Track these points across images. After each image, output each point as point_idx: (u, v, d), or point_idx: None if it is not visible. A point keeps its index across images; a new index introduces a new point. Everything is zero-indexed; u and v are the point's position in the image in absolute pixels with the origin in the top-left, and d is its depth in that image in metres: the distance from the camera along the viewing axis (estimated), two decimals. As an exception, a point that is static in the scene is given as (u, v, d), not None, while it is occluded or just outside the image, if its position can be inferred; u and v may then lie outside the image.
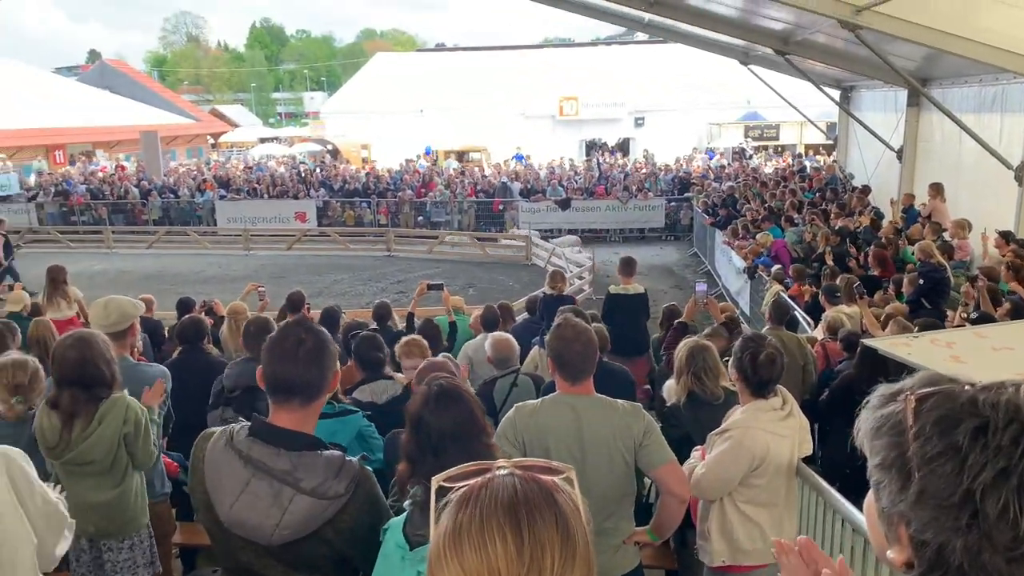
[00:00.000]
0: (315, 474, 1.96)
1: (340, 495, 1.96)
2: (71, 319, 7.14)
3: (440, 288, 8.18)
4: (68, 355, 3.09)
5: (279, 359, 2.01)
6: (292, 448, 1.98)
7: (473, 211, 21.86)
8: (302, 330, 2.06)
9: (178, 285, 15.35)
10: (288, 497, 1.93)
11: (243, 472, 1.97)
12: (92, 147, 35.80)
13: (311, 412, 2.07)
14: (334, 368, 2.10)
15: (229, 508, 1.96)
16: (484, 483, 0.94)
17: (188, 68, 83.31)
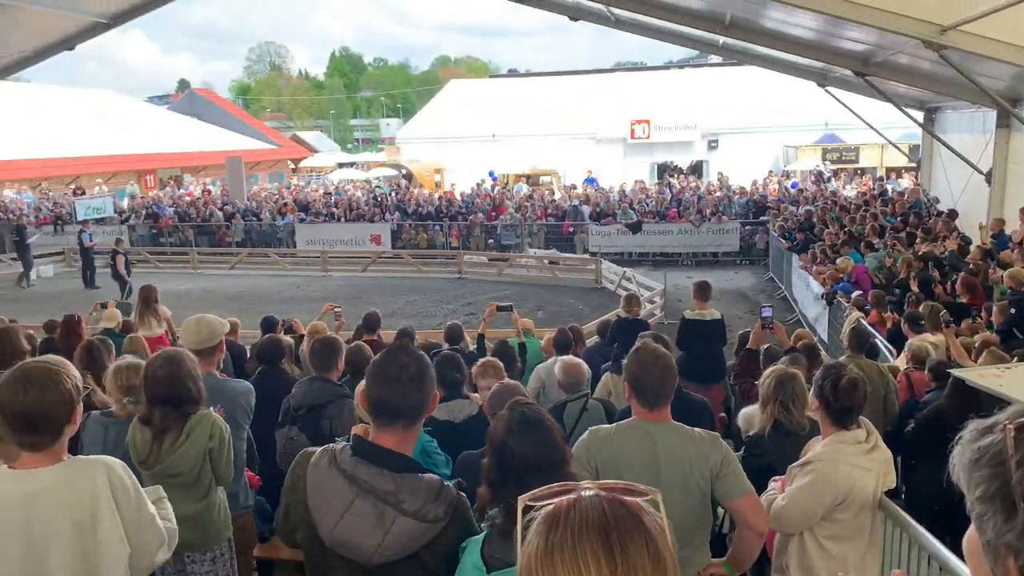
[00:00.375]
0: (417, 496, 1.99)
1: (439, 519, 2.00)
2: (160, 337, 7.46)
3: (509, 309, 8.22)
4: (158, 374, 3.23)
5: (384, 383, 2.07)
6: (395, 469, 2.02)
7: (543, 234, 21.95)
8: (406, 355, 2.11)
9: (259, 304, 15.87)
10: (391, 518, 1.97)
11: (348, 491, 2.01)
12: (181, 172, 37.52)
13: (412, 435, 2.13)
14: (434, 392, 2.15)
15: (333, 527, 2.00)
16: (571, 504, 0.95)
17: (271, 96, 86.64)
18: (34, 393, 2.15)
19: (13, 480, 2.19)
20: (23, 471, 2.21)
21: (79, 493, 2.20)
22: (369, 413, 2.12)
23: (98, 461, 2.29)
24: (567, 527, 0.93)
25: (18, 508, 2.16)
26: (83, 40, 20.54)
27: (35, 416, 2.16)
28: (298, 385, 4.50)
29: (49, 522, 2.17)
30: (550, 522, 0.94)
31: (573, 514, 0.94)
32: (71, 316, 6.38)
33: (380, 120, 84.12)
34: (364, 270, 21.12)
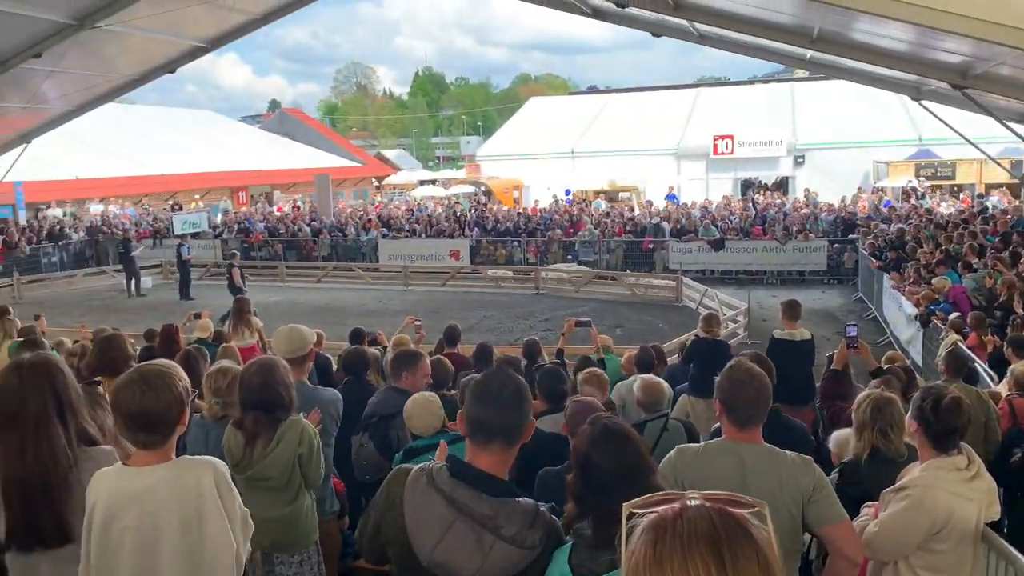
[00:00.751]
0: (514, 522, 2.00)
1: (535, 546, 2.00)
2: (252, 346, 7.76)
3: (588, 325, 8.18)
4: (253, 380, 3.36)
5: (482, 403, 2.09)
6: (493, 493, 2.04)
7: (621, 251, 21.81)
8: (505, 375, 2.14)
9: (343, 317, 16.29)
10: (489, 543, 1.98)
11: (447, 514, 2.02)
12: (271, 188, 38.96)
13: (509, 457, 2.14)
14: (531, 415, 2.16)
15: (432, 549, 2.02)
16: (677, 513, 0.95)
17: (357, 115, 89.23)
18: (150, 395, 2.27)
19: (128, 476, 2.31)
20: (137, 468, 2.33)
21: (188, 491, 2.31)
22: (466, 433, 2.14)
23: (206, 461, 2.41)
24: (675, 537, 0.92)
25: (133, 503, 2.28)
26: (184, 63, 21.63)
27: (151, 416, 2.28)
28: (376, 394, 4.60)
29: (160, 517, 2.28)
30: (657, 531, 0.94)
31: (681, 524, 0.93)
32: (169, 326, 6.70)
33: (461, 138, 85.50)
34: (443, 285, 21.43)
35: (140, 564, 2.28)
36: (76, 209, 29.23)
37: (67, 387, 2.59)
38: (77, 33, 16.92)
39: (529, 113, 42.64)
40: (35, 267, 23.05)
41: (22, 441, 2.47)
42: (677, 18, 14.40)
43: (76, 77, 20.19)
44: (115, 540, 2.28)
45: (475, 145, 61.87)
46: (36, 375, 2.53)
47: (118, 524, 2.27)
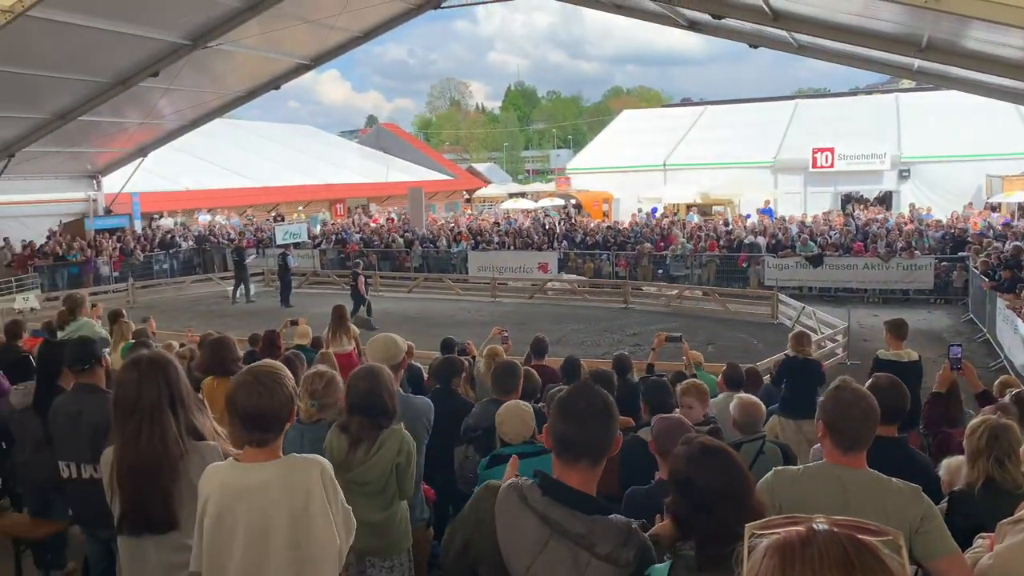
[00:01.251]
0: (609, 540, 1.98)
1: (629, 563, 1.98)
2: (349, 353, 7.97)
3: (678, 340, 8.05)
4: (360, 385, 3.46)
5: (570, 420, 2.08)
6: (586, 511, 2.02)
7: (714, 265, 21.35)
8: (591, 392, 2.12)
9: (433, 327, 16.55)
10: (585, 561, 1.97)
11: (541, 532, 2.02)
12: (367, 201, 40.08)
13: (598, 472, 2.13)
14: (618, 431, 2.15)
15: (527, 568, 2.02)
16: (805, 537, 0.91)
17: (450, 130, 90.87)
18: (265, 394, 2.38)
19: (241, 472, 2.43)
20: (248, 464, 2.44)
21: (296, 487, 2.40)
22: (553, 450, 2.13)
23: (314, 459, 2.50)
24: (805, 563, 0.88)
25: (245, 498, 2.38)
26: (287, 80, 22.64)
27: (265, 415, 2.39)
28: (478, 406, 4.64)
29: (269, 512, 2.38)
30: (784, 555, 0.90)
31: (810, 549, 0.89)
32: (272, 331, 6.98)
33: (551, 151, 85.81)
34: (531, 297, 21.50)
35: (250, 556, 2.38)
36: (186, 219, 30.84)
37: (180, 382, 2.76)
38: (191, 53, 17.95)
39: (621, 126, 42.37)
40: (147, 273, 24.44)
41: (138, 429, 2.64)
42: (775, 28, 14.08)
43: (189, 94, 21.39)
44: (227, 532, 2.38)
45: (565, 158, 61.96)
46: (153, 369, 2.70)
47: (230, 517, 2.38)
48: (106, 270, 23.28)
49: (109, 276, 23.19)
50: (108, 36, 16.04)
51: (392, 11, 19.96)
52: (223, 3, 16.60)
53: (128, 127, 22.23)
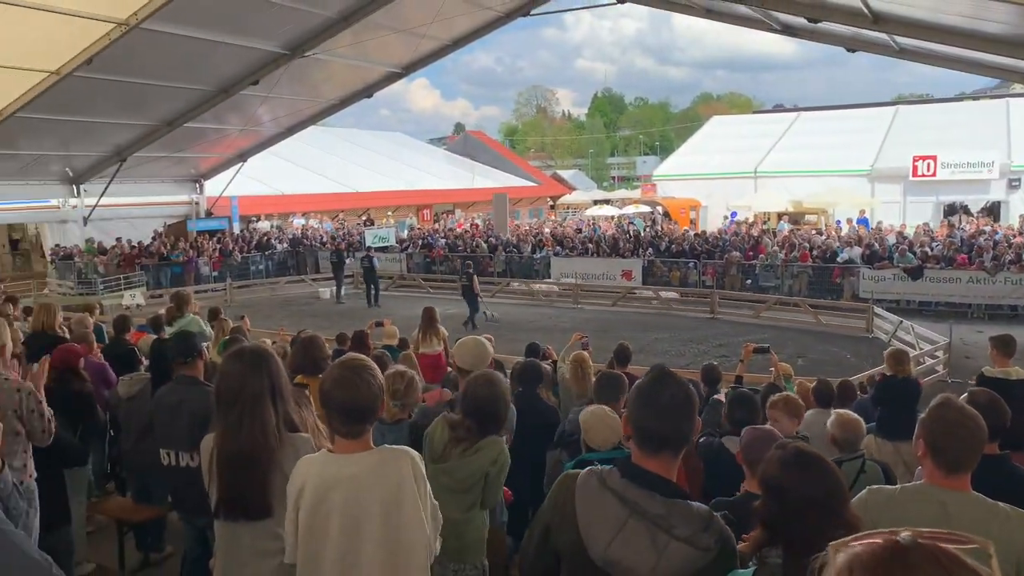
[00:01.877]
0: (688, 523, 1.98)
1: (710, 548, 1.96)
2: (438, 354, 8.10)
3: (766, 352, 7.82)
4: (480, 392, 3.49)
5: (652, 411, 2.07)
6: (664, 494, 2.02)
7: (806, 276, 20.67)
8: (673, 382, 2.11)
9: (515, 332, 16.64)
10: (664, 542, 1.96)
11: (620, 512, 2.02)
12: (453, 207, 40.69)
13: (677, 462, 2.12)
14: (698, 420, 2.14)
15: (606, 547, 2.02)
16: (893, 550, 0.87)
17: (535, 136, 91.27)
18: (362, 387, 2.46)
19: (335, 463, 2.50)
20: (342, 456, 2.51)
21: (388, 478, 2.46)
22: (633, 440, 2.12)
23: (405, 451, 2.55)
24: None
25: (339, 488, 2.46)
26: (379, 88, 23.22)
27: (360, 408, 2.47)
28: (574, 412, 4.63)
29: (363, 503, 2.44)
30: (874, 570, 0.86)
31: (901, 563, 0.85)
32: (361, 331, 7.17)
33: (637, 158, 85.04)
34: (614, 304, 21.33)
35: (345, 545, 2.45)
36: (281, 222, 32.01)
37: (280, 375, 2.88)
38: (289, 62, 18.64)
39: (710, 132, 41.62)
40: (244, 274, 25.48)
41: (239, 419, 2.75)
42: (875, 31, 13.56)
43: (286, 102, 22.21)
44: (322, 522, 2.46)
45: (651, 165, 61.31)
46: (256, 361, 2.82)
47: (325, 507, 2.46)
48: (206, 270, 24.39)
49: (209, 276, 24.28)
50: (213, 46, 16.84)
51: (481, 19, 20.23)
52: (320, 14, 17.18)
53: (229, 133, 23.26)
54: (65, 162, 21.93)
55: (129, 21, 14.37)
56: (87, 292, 21.01)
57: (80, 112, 18.07)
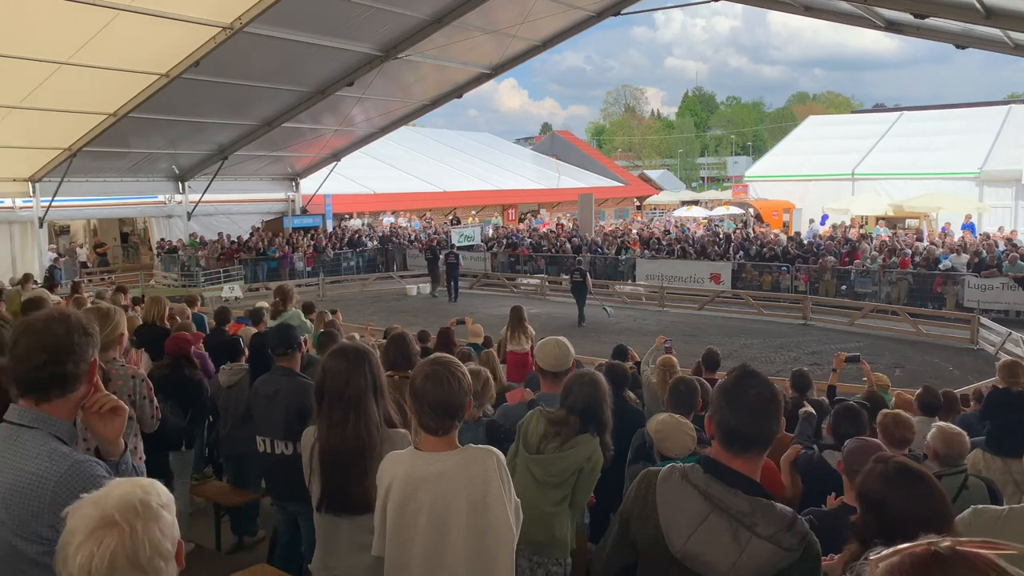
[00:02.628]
0: (771, 522, 1.95)
1: (794, 548, 1.93)
2: (526, 353, 8.15)
3: (856, 360, 7.57)
4: (583, 391, 3.52)
5: (739, 411, 2.05)
6: (748, 492, 2.01)
7: (905, 283, 19.76)
8: (759, 381, 2.07)
9: (597, 333, 16.55)
10: (746, 538, 1.94)
11: (702, 506, 2.02)
12: (538, 207, 40.78)
13: (761, 461, 2.11)
14: (782, 418, 2.12)
15: (685, 540, 2.01)
16: (929, 559, 0.85)
17: (623, 136, 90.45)
18: (454, 384, 2.51)
19: (423, 461, 2.55)
20: (429, 453, 2.56)
21: (474, 476, 2.49)
22: (716, 439, 2.11)
23: (490, 450, 2.58)
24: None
25: (427, 486, 2.51)
26: (469, 89, 23.51)
27: (452, 405, 2.52)
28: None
29: (450, 500, 2.49)
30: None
31: (941, 572, 0.84)
32: (447, 328, 7.28)
33: (728, 158, 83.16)
34: (701, 308, 20.94)
35: (432, 542, 2.50)
36: (371, 220, 32.82)
37: (380, 373, 2.98)
38: (383, 63, 19.10)
39: (805, 132, 40.28)
40: (336, 270, 26.26)
41: (344, 416, 2.85)
42: (988, 27, 12.83)
43: (378, 103, 22.76)
44: (410, 518, 2.52)
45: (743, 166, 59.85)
46: (359, 360, 2.92)
47: (413, 504, 2.51)
48: (300, 265, 25.25)
49: (303, 271, 25.13)
50: (311, 49, 17.42)
51: (571, 19, 20.20)
52: (413, 16, 17.52)
53: (324, 133, 24.01)
54: (172, 160, 23.10)
55: (234, 25, 15.04)
56: (189, 284, 22.08)
57: (186, 112, 19.01)
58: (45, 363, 1.96)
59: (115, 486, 1.46)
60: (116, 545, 1.36)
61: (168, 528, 1.44)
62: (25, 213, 20.73)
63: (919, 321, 17.48)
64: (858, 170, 32.51)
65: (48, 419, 1.97)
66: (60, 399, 1.99)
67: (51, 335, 1.97)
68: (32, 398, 1.98)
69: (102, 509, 1.39)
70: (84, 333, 2.02)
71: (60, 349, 1.97)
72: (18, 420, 1.97)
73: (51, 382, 1.97)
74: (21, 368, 1.97)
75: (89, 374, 2.04)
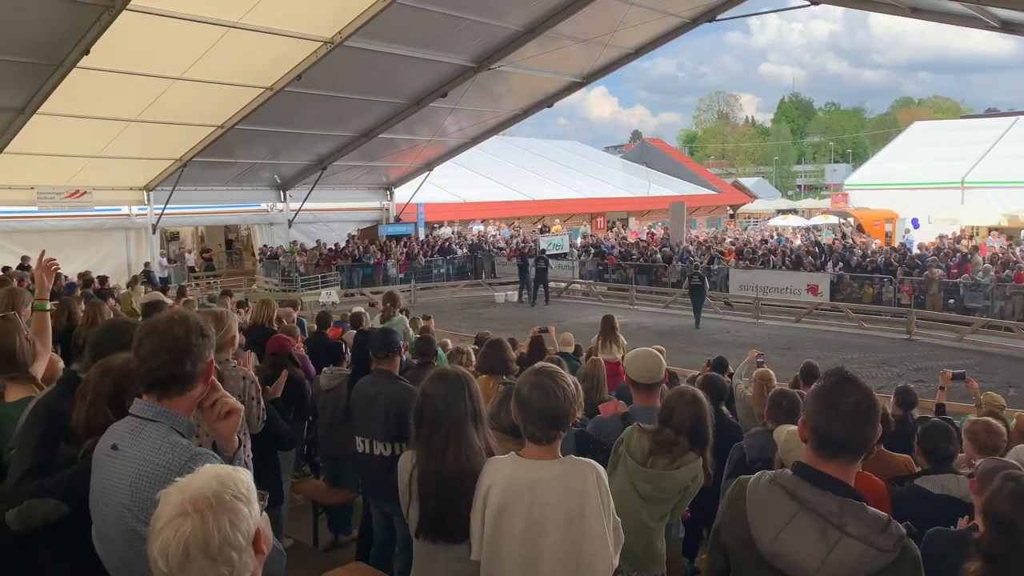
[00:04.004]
0: (863, 523, 1.91)
1: (888, 550, 1.88)
2: (617, 362, 8.09)
3: (962, 378, 7.18)
4: (689, 410, 3.51)
5: (834, 417, 2.01)
6: (838, 493, 1.97)
7: (1020, 298, 18.58)
8: (856, 387, 2.02)
9: (688, 345, 16.26)
10: (835, 538, 1.91)
11: (789, 506, 1.99)
12: (627, 215, 40.43)
13: (855, 468, 2.06)
14: (879, 425, 2.06)
15: (773, 539, 2.00)
16: None
17: (716, 144, 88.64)
18: (560, 393, 2.53)
19: (524, 467, 2.57)
20: (531, 460, 2.58)
21: (573, 488, 2.50)
22: (809, 443, 2.07)
23: (590, 463, 2.58)
24: None
25: (525, 492, 2.52)
26: (560, 98, 23.57)
27: (558, 414, 2.53)
28: (752, 436, 4.47)
29: (547, 508, 2.49)
30: None
31: None
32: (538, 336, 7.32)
33: (826, 166, 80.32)
34: (798, 320, 20.29)
35: (526, 549, 2.50)
36: (461, 228, 33.29)
37: (480, 399, 2.95)
38: (475, 75, 19.38)
39: (910, 138, 38.55)
40: (427, 276, 26.76)
41: (444, 443, 2.82)
42: (1120, 23, 11.99)
43: (470, 113, 23.09)
44: (507, 524, 2.53)
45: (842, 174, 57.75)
46: (459, 385, 2.90)
47: (510, 510, 2.52)
48: (393, 272, 25.85)
49: (396, 277, 25.71)
50: (408, 61, 17.86)
51: (665, 26, 19.97)
52: (506, 27, 17.72)
53: (418, 144, 24.54)
54: (274, 170, 24.10)
55: (334, 39, 15.59)
56: (289, 289, 22.94)
57: (289, 124, 19.81)
58: (166, 363, 2.08)
59: (197, 475, 1.52)
60: (189, 534, 1.42)
61: (242, 520, 1.47)
62: (140, 220, 22.05)
63: (1037, 338, 16.42)
64: (968, 178, 30.89)
65: (169, 414, 2.10)
66: (179, 396, 2.12)
67: (172, 336, 2.09)
68: (155, 394, 2.11)
69: (182, 497, 1.46)
70: (201, 335, 2.14)
71: (180, 350, 2.09)
72: (142, 414, 2.10)
73: (171, 380, 2.10)
74: (145, 366, 2.11)
75: (206, 373, 2.17)
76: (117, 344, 2.59)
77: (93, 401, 2.41)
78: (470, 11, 16.30)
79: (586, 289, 25.98)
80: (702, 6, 19.09)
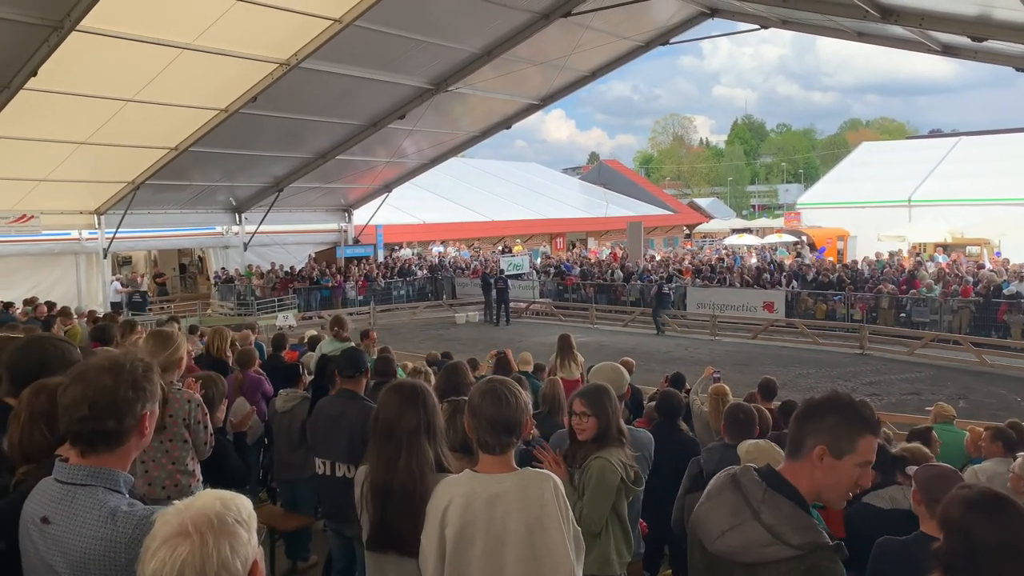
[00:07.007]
0: (779, 517, 1.95)
1: (792, 545, 1.89)
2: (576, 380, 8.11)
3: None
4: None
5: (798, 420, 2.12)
6: (772, 486, 2.03)
7: (967, 312, 19.12)
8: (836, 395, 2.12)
9: (648, 362, 16.36)
10: (744, 518, 1.99)
11: (726, 485, 2.12)
12: (586, 235, 40.75)
13: (802, 469, 2.07)
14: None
15: (699, 505, 2.15)
16: None
17: (671, 165, 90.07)
18: (511, 401, 2.53)
19: (481, 482, 2.54)
20: (486, 475, 2.55)
21: (531, 499, 2.47)
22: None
23: (547, 474, 2.56)
24: None
25: (484, 506, 2.49)
26: (517, 120, 23.74)
27: (509, 421, 2.52)
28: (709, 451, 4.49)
29: (507, 521, 2.46)
30: None
31: None
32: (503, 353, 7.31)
33: (779, 186, 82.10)
34: (754, 337, 20.58)
35: (489, 564, 2.47)
36: (421, 249, 33.18)
37: (436, 412, 2.92)
38: (433, 96, 19.42)
39: (859, 158, 39.62)
40: (387, 298, 26.56)
41: (396, 453, 2.80)
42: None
43: (429, 135, 23.12)
44: (468, 540, 2.49)
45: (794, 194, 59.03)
46: (414, 396, 2.88)
47: (471, 528, 2.48)
48: (352, 294, 25.61)
49: (354, 300, 25.47)
50: (365, 83, 17.82)
51: (619, 50, 20.30)
52: (463, 50, 17.82)
53: (376, 165, 24.45)
54: (229, 192, 23.77)
55: (290, 61, 15.50)
56: (245, 313, 22.56)
57: (244, 146, 19.58)
58: (86, 418, 1.86)
59: (200, 497, 1.47)
60: (187, 556, 1.37)
61: (241, 545, 1.42)
62: (91, 244, 21.52)
63: (983, 351, 16.89)
64: (915, 196, 31.82)
65: (100, 473, 1.88)
66: (107, 453, 1.90)
67: (97, 388, 1.87)
68: (78, 449, 1.89)
69: (181, 518, 1.41)
70: (133, 387, 1.90)
71: (104, 405, 1.86)
72: (69, 479, 1.87)
73: (93, 436, 1.88)
74: (66, 417, 1.88)
75: (140, 428, 1.94)
76: (33, 363, 2.47)
77: (27, 420, 2.26)
78: (427, 34, 16.36)
79: (547, 309, 26.05)
80: (655, 30, 19.47)
